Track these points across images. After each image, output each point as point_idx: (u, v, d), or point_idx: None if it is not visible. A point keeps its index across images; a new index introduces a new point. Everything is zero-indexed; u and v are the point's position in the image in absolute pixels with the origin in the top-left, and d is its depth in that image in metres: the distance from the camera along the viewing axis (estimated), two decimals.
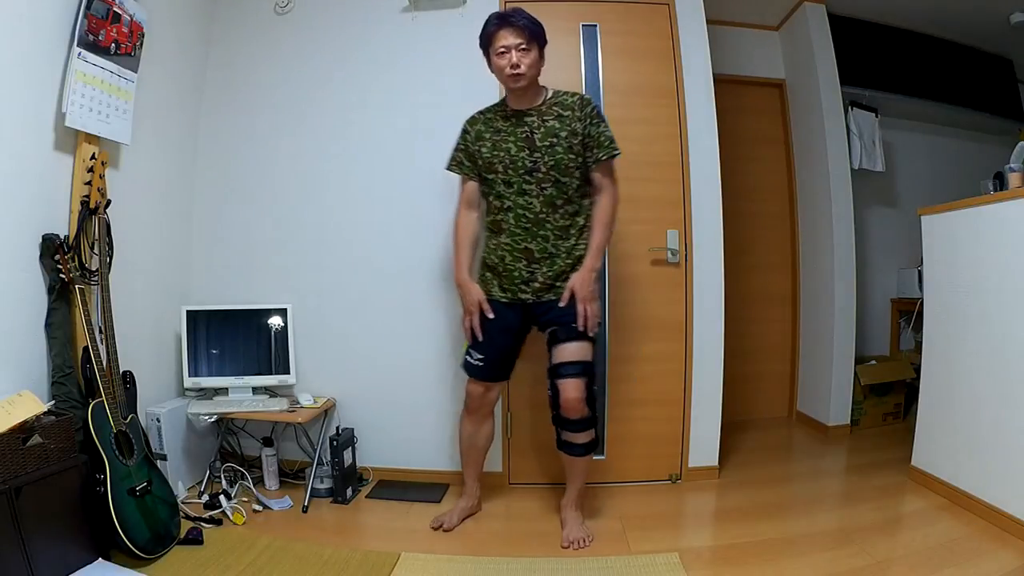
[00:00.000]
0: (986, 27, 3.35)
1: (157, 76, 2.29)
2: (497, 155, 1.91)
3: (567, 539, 1.94)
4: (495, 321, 1.98)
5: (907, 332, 3.53)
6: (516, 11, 1.86)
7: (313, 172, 2.59)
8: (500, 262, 1.95)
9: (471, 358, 2.03)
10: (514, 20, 1.83)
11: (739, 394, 3.17)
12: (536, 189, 1.88)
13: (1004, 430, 1.96)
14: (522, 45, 1.82)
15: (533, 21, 1.85)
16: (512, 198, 1.90)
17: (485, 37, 1.88)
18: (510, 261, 1.92)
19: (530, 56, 1.83)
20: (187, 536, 1.91)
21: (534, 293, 1.92)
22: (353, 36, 2.58)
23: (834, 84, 3.12)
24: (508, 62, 1.82)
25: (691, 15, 2.50)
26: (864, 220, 3.45)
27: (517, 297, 1.94)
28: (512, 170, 1.89)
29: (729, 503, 2.31)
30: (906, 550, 1.85)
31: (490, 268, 2.00)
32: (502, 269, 1.94)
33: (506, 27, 1.83)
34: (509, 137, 1.90)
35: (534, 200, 1.88)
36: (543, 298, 1.92)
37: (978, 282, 2.11)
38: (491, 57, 1.89)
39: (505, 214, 1.92)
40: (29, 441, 1.53)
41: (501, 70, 1.85)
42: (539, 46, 1.87)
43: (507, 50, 1.82)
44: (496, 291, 1.98)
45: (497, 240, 1.96)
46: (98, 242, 1.93)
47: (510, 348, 2.04)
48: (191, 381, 2.39)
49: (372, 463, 2.53)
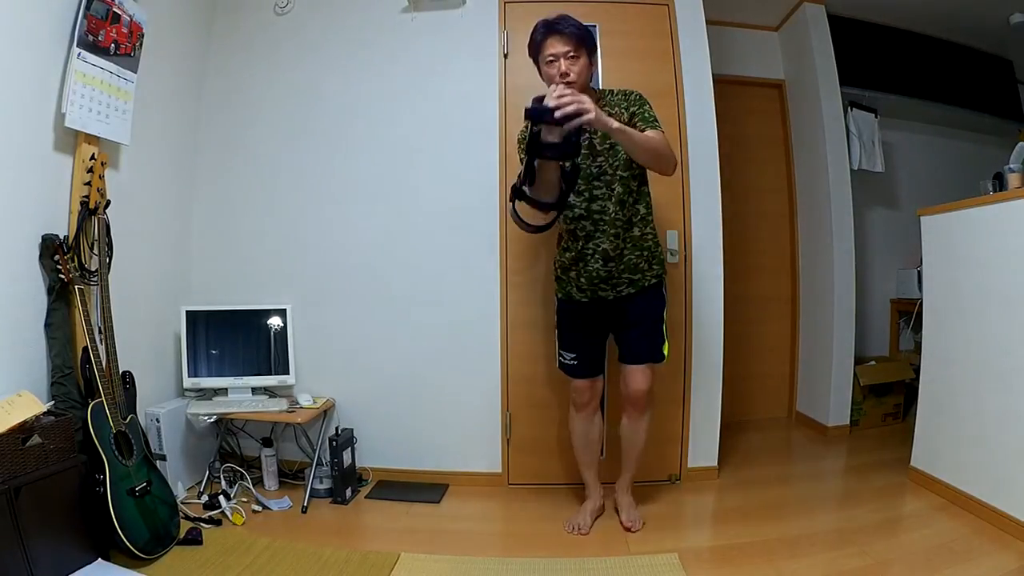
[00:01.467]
0: (986, 27, 3.35)
1: (157, 77, 2.29)
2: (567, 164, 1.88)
3: (628, 521, 2.07)
4: (578, 319, 2.06)
5: (907, 332, 3.53)
6: (563, 18, 1.81)
7: (313, 172, 2.59)
8: (581, 264, 1.97)
9: (564, 359, 2.10)
10: (560, 27, 1.79)
11: (739, 394, 3.17)
12: (607, 192, 1.90)
13: (1003, 431, 1.96)
14: (570, 52, 1.79)
15: (580, 27, 1.82)
16: (583, 205, 1.92)
17: (533, 46, 1.86)
18: (590, 262, 1.95)
19: (579, 63, 1.81)
20: (186, 536, 1.91)
21: (613, 289, 1.97)
22: (353, 36, 2.58)
23: (834, 84, 3.12)
24: (557, 71, 1.79)
25: (691, 15, 2.50)
26: (864, 220, 3.45)
27: (597, 295, 1.99)
28: (581, 179, 1.90)
29: (729, 503, 2.31)
30: (905, 550, 1.85)
31: (568, 271, 2.02)
32: (581, 270, 1.97)
33: (553, 35, 1.80)
34: None
35: (607, 203, 1.90)
36: (623, 293, 1.97)
37: (978, 282, 2.11)
38: (540, 66, 1.87)
39: (578, 222, 1.94)
40: (29, 441, 1.53)
41: (551, 79, 1.81)
42: (588, 51, 1.84)
43: (556, 58, 1.79)
44: (575, 292, 2.02)
45: (574, 246, 1.97)
46: (97, 242, 1.93)
47: (597, 344, 2.09)
48: (190, 381, 2.39)
49: (371, 463, 2.53)
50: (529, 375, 2.48)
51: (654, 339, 2.01)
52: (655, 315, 2.02)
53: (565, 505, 2.26)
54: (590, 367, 2.08)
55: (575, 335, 2.08)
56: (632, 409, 2.07)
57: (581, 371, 2.08)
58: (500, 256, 2.48)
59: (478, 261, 2.49)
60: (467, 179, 2.50)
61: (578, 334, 2.07)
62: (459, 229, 2.51)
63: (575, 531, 2.05)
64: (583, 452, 2.17)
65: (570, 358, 2.08)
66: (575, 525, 2.07)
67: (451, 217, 2.51)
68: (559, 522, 2.12)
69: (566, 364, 2.09)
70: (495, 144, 2.48)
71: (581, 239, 1.95)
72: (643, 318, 2.00)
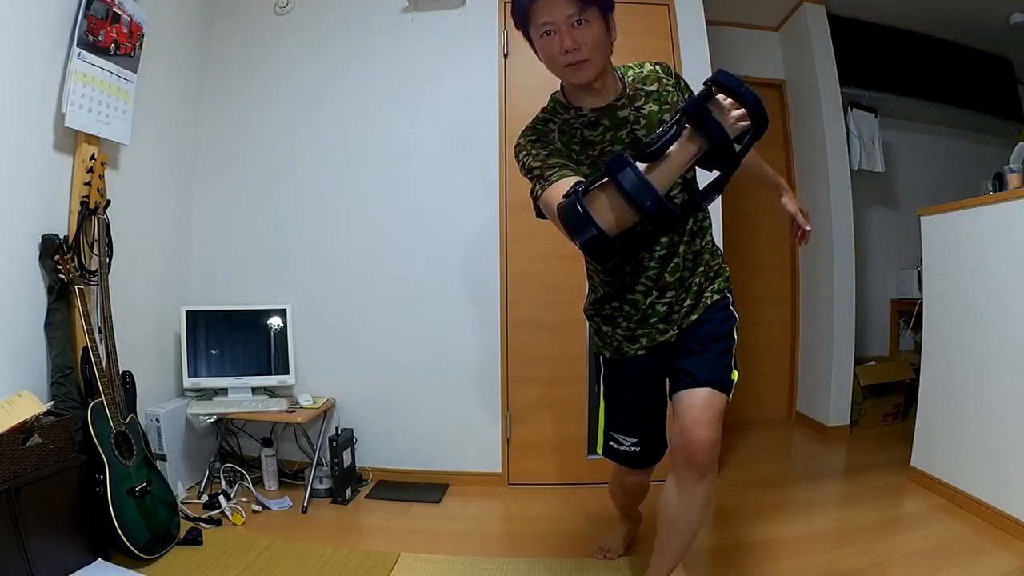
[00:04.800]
0: (986, 27, 3.35)
1: (157, 76, 2.29)
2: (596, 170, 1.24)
3: None
4: (635, 386, 1.49)
5: (906, 333, 3.53)
6: None
7: (312, 172, 2.59)
8: (632, 309, 1.41)
9: (620, 445, 1.52)
10: None
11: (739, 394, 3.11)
12: None
13: (1003, 430, 1.96)
14: (572, 16, 1.16)
15: None
16: None
17: (519, 13, 1.23)
18: (644, 304, 1.39)
19: (591, 30, 1.18)
20: (186, 536, 1.91)
21: (675, 326, 1.41)
22: (353, 36, 2.58)
23: (834, 85, 3.12)
24: (560, 46, 1.19)
25: (691, 15, 2.50)
26: (864, 220, 3.45)
27: (656, 342, 1.42)
28: None
29: (729, 503, 2.31)
30: (906, 550, 1.85)
31: (611, 320, 1.46)
32: (636, 315, 1.41)
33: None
34: (612, 145, 1.30)
35: None
36: (686, 324, 1.41)
37: (978, 282, 2.11)
38: (533, 39, 1.25)
39: None
40: (29, 441, 1.53)
41: (553, 60, 1.22)
42: (600, 10, 1.20)
43: (554, 28, 1.18)
44: (627, 347, 1.44)
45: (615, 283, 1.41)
46: (97, 242, 1.93)
47: (659, 413, 1.52)
48: (190, 381, 2.39)
49: (371, 463, 2.53)
50: (529, 375, 2.47)
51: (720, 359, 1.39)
52: (722, 333, 1.41)
53: (565, 505, 2.26)
54: (653, 452, 1.53)
55: (635, 411, 1.51)
56: (690, 472, 1.32)
57: (645, 460, 1.53)
58: (500, 255, 2.48)
59: (478, 261, 2.49)
60: (467, 179, 2.50)
61: (639, 407, 1.50)
62: (459, 229, 2.51)
63: (604, 556, 1.84)
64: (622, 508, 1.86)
65: (629, 444, 1.50)
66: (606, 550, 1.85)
67: (451, 217, 2.51)
68: (559, 522, 2.13)
69: (623, 452, 1.52)
70: (495, 144, 2.48)
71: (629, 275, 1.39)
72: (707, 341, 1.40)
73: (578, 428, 2.47)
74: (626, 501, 1.80)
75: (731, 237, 2.56)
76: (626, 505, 1.83)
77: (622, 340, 1.45)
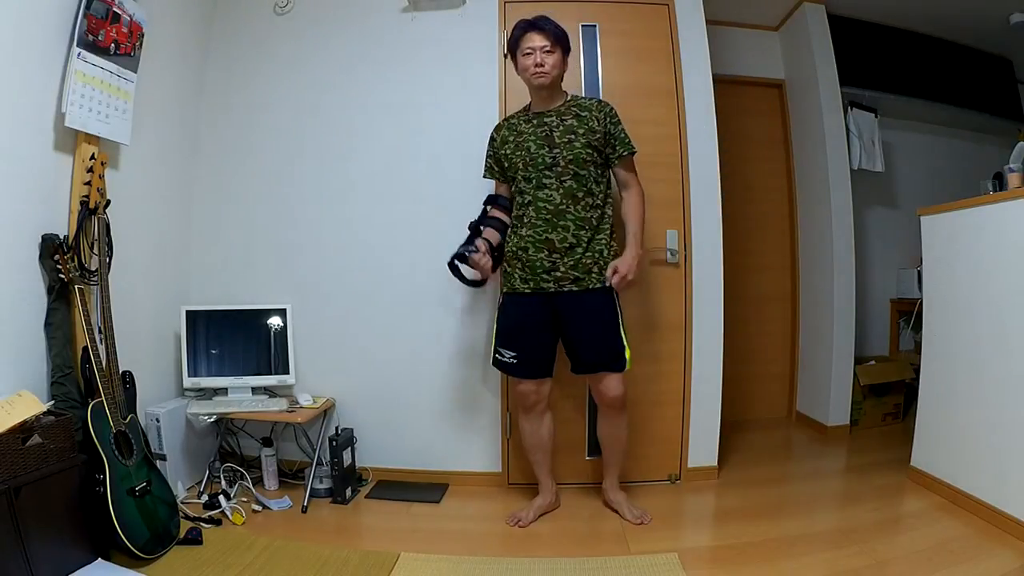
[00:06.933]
0: (986, 27, 3.35)
1: (157, 76, 2.29)
2: (518, 154, 2.02)
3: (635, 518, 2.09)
4: (520, 314, 2.04)
5: (906, 332, 3.53)
6: (542, 17, 2.00)
7: (312, 172, 2.59)
8: (523, 252, 2.00)
9: (502, 356, 2.07)
10: (540, 24, 1.97)
11: (739, 394, 3.17)
12: (556, 183, 1.97)
13: (1004, 430, 1.96)
14: (547, 47, 1.96)
15: (558, 27, 1.99)
16: (532, 192, 1.99)
17: (513, 41, 2.02)
18: (532, 252, 1.98)
19: (553, 57, 1.97)
20: (186, 536, 1.91)
21: (556, 282, 1.98)
22: (353, 36, 2.58)
23: (834, 84, 3.12)
24: (533, 61, 1.96)
25: (691, 15, 2.50)
26: (864, 220, 3.45)
27: (540, 287, 1.99)
28: (532, 167, 1.99)
29: (728, 503, 2.31)
30: (906, 550, 1.85)
31: (513, 259, 2.05)
32: (525, 259, 2.00)
33: (533, 30, 1.98)
34: (530, 137, 2.01)
35: (554, 193, 1.97)
36: (565, 288, 1.98)
37: (978, 282, 2.11)
38: (517, 58, 2.02)
39: (526, 208, 2.01)
40: (29, 441, 1.53)
41: (526, 69, 1.99)
42: (563, 50, 2.00)
43: (533, 51, 1.96)
44: (518, 283, 2.03)
45: (519, 233, 2.03)
46: (97, 242, 1.93)
47: (543, 343, 2.06)
48: (190, 381, 2.39)
49: (371, 463, 2.53)
50: None
51: (612, 344, 1.99)
52: (606, 317, 2.00)
53: (565, 505, 2.26)
54: (533, 367, 2.06)
55: (516, 332, 2.05)
56: (610, 411, 2.08)
57: (523, 370, 2.06)
58: None
59: None
60: (466, 178, 2.48)
61: (520, 330, 2.05)
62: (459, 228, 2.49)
63: (514, 523, 2.08)
64: (533, 451, 2.18)
65: (509, 356, 2.05)
66: (516, 517, 2.10)
67: (450, 216, 2.50)
68: (559, 522, 2.13)
69: (504, 362, 2.06)
70: None
71: (526, 226, 2.00)
72: (592, 321, 1.99)
73: (578, 428, 2.47)
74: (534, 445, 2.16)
75: (731, 237, 2.56)
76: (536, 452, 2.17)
77: (517, 280, 2.04)
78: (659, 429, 2.48)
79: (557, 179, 1.97)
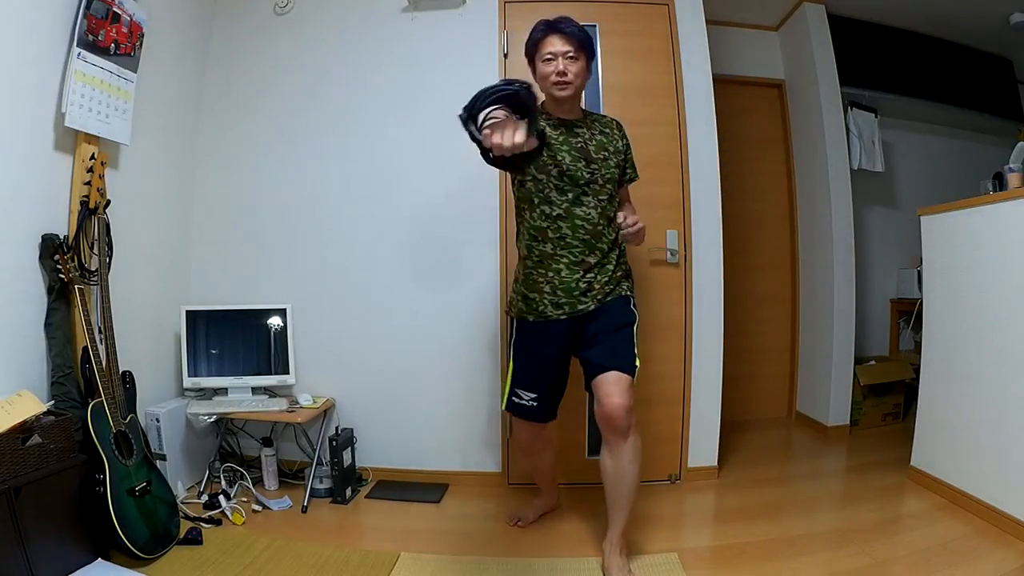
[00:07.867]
0: (986, 27, 3.35)
1: (157, 76, 2.29)
2: (552, 160, 1.72)
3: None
4: (547, 348, 1.81)
5: (906, 332, 3.53)
6: (564, 19, 1.73)
7: (313, 172, 2.59)
8: (554, 276, 1.75)
9: (521, 399, 1.85)
10: (563, 27, 1.71)
11: (739, 394, 3.17)
12: (594, 200, 1.75)
13: (1004, 430, 1.96)
14: (570, 53, 1.70)
15: (582, 30, 1.73)
16: (565, 207, 1.73)
17: (531, 44, 1.76)
18: (567, 274, 1.75)
19: (577, 65, 1.71)
20: (186, 536, 1.91)
21: (594, 299, 1.76)
22: (353, 36, 2.58)
23: (833, 84, 3.12)
24: (554, 69, 1.70)
25: (691, 15, 2.50)
26: (864, 220, 3.45)
27: (576, 310, 1.76)
28: (568, 179, 1.73)
29: (728, 503, 2.31)
30: (906, 550, 1.85)
31: (535, 281, 1.79)
32: (558, 283, 1.75)
33: (554, 33, 1.71)
34: (563, 146, 1.74)
35: (592, 211, 1.74)
36: (605, 301, 1.78)
37: (978, 282, 2.11)
38: (536, 64, 1.76)
39: (556, 222, 1.74)
40: (29, 441, 1.53)
41: (546, 77, 1.72)
42: (587, 56, 1.75)
43: (554, 57, 1.70)
44: (549, 309, 1.77)
45: (543, 250, 1.76)
46: (97, 242, 1.93)
47: (563, 376, 1.87)
48: (190, 381, 2.39)
49: (371, 463, 2.53)
50: None
51: (627, 348, 1.77)
52: (626, 321, 1.80)
53: (565, 505, 2.26)
54: (552, 409, 1.89)
55: (540, 370, 1.83)
56: (613, 437, 1.69)
57: (543, 415, 1.87)
58: (500, 255, 2.48)
59: (478, 260, 2.49)
60: (466, 178, 2.49)
61: (546, 368, 1.83)
62: (459, 228, 2.51)
63: (515, 523, 2.09)
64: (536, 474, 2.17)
65: (529, 399, 1.82)
66: (517, 517, 2.10)
67: (450, 216, 2.51)
68: (559, 522, 2.12)
69: (523, 406, 1.84)
70: None
71: (553, 242, 1.74)
72: (611, 321, 1.78)
73: (577, 428, 2.47)
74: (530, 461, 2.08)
75: (731, 237, 2.56)
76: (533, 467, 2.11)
77: (547, 306, 1.77)
78: (659, 429, 2.48)
79: (595, 197, 1.75)
